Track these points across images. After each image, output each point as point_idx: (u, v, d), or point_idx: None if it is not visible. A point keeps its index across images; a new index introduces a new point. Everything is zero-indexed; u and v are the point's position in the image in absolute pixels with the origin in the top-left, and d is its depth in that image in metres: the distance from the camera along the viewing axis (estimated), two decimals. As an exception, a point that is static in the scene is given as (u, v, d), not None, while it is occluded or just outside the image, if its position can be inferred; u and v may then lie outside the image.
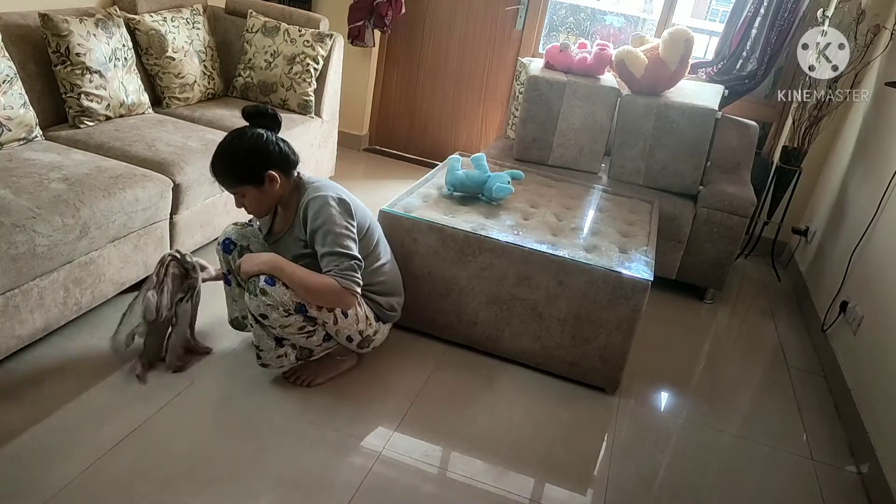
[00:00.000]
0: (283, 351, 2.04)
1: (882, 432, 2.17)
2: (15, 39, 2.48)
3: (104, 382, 2.00)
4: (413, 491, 1.83)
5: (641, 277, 2.23)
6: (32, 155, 2.28)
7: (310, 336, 2.03)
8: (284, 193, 2.02)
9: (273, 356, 2.05)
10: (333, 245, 1.92)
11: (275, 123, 2.01)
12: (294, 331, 1.98)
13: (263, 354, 2.05)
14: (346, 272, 1.90)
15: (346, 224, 1.96)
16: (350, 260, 1.92)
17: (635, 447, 2.16)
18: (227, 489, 1.71)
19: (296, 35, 3.33)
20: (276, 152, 1.97)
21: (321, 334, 2.05)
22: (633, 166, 3.22)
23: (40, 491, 1.61)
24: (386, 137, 4.63)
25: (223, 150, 1.96)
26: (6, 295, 1.84)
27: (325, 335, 2.07)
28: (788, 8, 3.33)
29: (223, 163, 1.96)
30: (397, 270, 2.30)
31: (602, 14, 4.70)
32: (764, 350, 2.93)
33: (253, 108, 2.00)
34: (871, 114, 3.20)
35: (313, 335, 2.03)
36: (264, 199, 1.99)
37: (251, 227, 2.19)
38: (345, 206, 1.99)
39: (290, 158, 2.00)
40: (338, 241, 1.92)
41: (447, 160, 2.79)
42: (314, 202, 1.95)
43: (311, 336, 2.03)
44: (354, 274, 1.92)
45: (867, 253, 2.73)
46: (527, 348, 2.41)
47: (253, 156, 1.94)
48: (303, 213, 1.97)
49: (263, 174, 1.94)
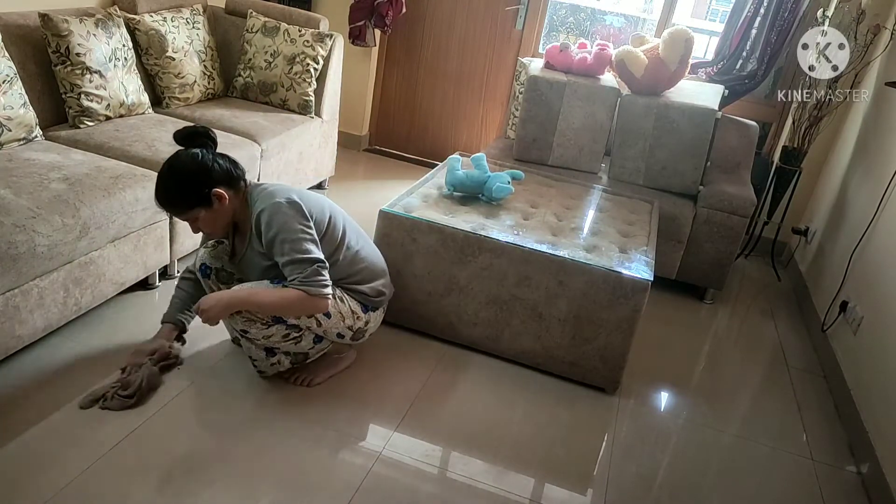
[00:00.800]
0: (276, 359, 2.04)
1: (882, 432, 2.17)
2: (15, 39, 2.48)
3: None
4: (413, 491, 1.83)
5: (641, 277, 2.23)
6: (32, 155, 2.28)
7: (298, 342, 2.02)
8: (236, 209, 1.95)
9: (267, 364, 2.05)
10: (292, 252, 1.85)
11: (209, 141, 1.94)
12: (279, 339, 1.97)
13: (258, 364, 2.06)
14: (311, 278, 1.85)
15: (301, 227, 1.88)
16: (312, 264, 1.86)
17: (635, 447, 2.16)
18: (226, 489, 1.71)
19: (296, 35, 3.33)
20: (217, 169, 1.89)
21: (310, 337, 2.04)
22: (633, 166, 3.22)
23: (40, 491, 1.61)
24: (386, 137, 4.63)
25: (163, 178, 1.89)
26: (6, 295, 1.84)
27: (316, 337, 2.06)
28: (788, 8, 3.33)
29: (167, 191, 1.89)
30: (377, 252, 2.23)
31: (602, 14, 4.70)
32: (764, 350, 2.93)
33: (183, 131, 1.93)
34: (871, 114, 3.20)
35: (301, 340, 2.02)
36: (217, 218, 1.92)
37: (223, 244, 2.12)
38: (296, 207, 1.89)
39: (232, 173, 1.93)
40: (296, 247, 1.85)
41: (447, 160, 2.79)
42: (265, 213, 1.87)
43: (299, 341, 2.02)
44: (320, 277, 1.87)
45: (867, 253, 2.73)
46: (527, 348, 2.41)
47: (194, 178, 1.87)
48: (255, 225, 1.90)
49: (209, 194, 1.87)
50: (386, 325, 2.53)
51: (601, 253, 2.36)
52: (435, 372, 2.34)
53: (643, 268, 2.30)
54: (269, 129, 3.09)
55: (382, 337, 2.48)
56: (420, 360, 2.39)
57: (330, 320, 2.01)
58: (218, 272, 2.09)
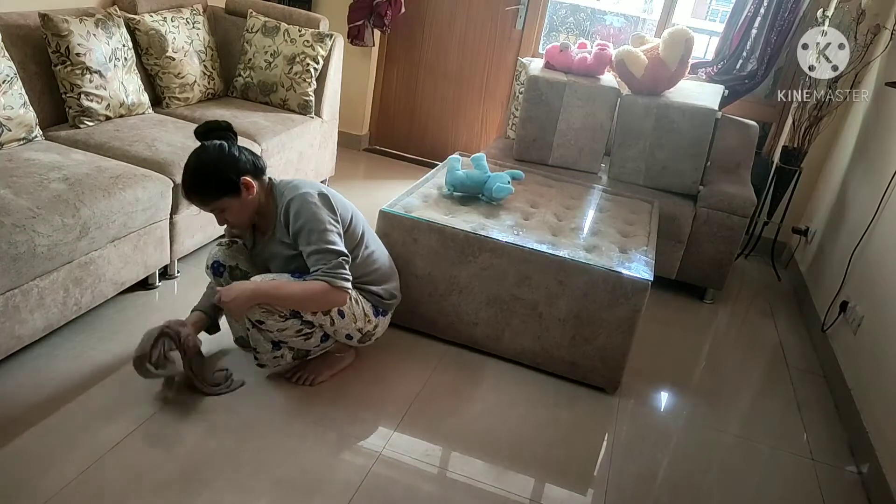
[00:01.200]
0: (279, 353, 2.05)
1: (882, 432, 2.17)
2: (15, 39, 2.48)
3: (103, 383, 2.00)
4: (413, 491, 1.83)
5: (641, 277, 2.23)
6: (32, 155, 2.28)
7: (308, 338, 2.03)
8: (261, 200, 1.98)
9: (269, 357, 2.05)
10: (319, 242, 1.89)
11: (230, 134, 1.97)
12: (292, 334, 1.99)
13: (260, 356, 2.06)
14: (335, 270, 1.89)
15: (329, 219, 1.93)
16: (337, 257, 1.90)
17: (635, 447, 2.16)
18: (227, 489, 1.71)
19: (296, 35, 3.33)
20: (244, 159, 1.93)
21: (319, 335, 2.05)
22: (633, 166, 3.22)
23: (40, 491, 1.61)
24: (386, 137, 4.63)
25: (193, 169, 1.90)
26: (6, 295, 1.84)
27: (323, 335, 2.07)
28: (788, 8, 3.34)
29: (197, 180, 1.91)
30: (388, 255, 2.28)
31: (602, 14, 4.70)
32: (764, 350, 2.93)
33: (204, 126, 1.95)
34: (871, 114, 3.20)
35: (311, 337, 2.04)
36: (244, 208, 1.95)
37: (237, 243, 2.14)
38: (325, 200, 1.96)
39: (257, 163, 1.97)
40: (323, 237, 1.90)
41: (447, 160, 2.79)
42: (294, 202, 1.92)
43: (308, 338, 2.04)
44: (343, 271, 1.90)
45: (867, 253, 2.73)
46: (527, 348, 2.41)
47: (223, 166, 1.89)
48: (283, 214, 1.94)
49: (238, 182, 1.90)
50: (386, 325, 2.54)
51: (601, 253, 2.36)
52: (435, 372, 2.34)
53: (643, 268, 2.30)
54: (269, 129, 3.09)
55: (383, 337, 2.47)
56: (420, 360, 2.39)
57: (343, 320, 2.03)
58: (232, 270, 2.11)
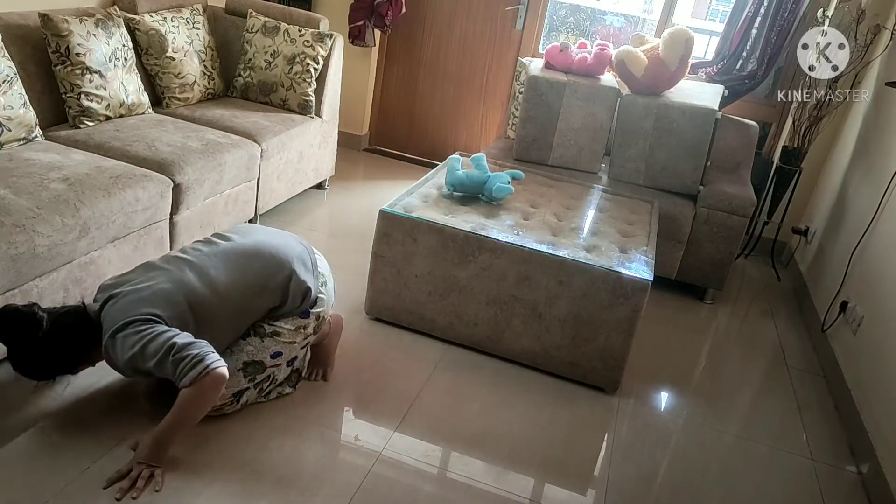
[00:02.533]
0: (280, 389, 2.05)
1: (882, 432, 2.17)
2: (15, 39, 2.48)
3: (103, 384, 2.00)
4: (413, 491, 1.83)
5: (641, 277, 2.23)
6: (32, 155, 2.28)
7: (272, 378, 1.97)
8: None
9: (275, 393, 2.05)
10: (162, 355, 1.63)
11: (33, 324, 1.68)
12: (256, 395, 1.97)
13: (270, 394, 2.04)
14: (191, 365, 1.63)
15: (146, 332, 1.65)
16: (181, 350, 1.63)
17: (635, 447, 2.16)
18: (227, 489, 1.71)
19: (296, 35, 3.33)
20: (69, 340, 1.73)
21: (283, 370, 1.99)
22: (633, 166, 3.22)
23: (40, 491, 1.61)
24: (386, 137, 4.63)
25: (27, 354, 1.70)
26: (6, 295, 1.84)
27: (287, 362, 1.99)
28: (788, 8, 3.33)
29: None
30: (278, 261, 1.93)
31: (602, 14, 4.70)
32: (764, 350, 2.93)
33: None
34: (871, 114, 3.20)
35: (278, 373, 1.99)
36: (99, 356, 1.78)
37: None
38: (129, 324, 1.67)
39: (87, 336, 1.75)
40: (161, 350, 1.63)
41: (447, 160, 2.79)
42: (110, 347, 1.69)
43: (276, 376, 1.99)
44: (202, 359, 1.64)
45: (867, 253, 2.73)
46: (527, 348, 2.41)
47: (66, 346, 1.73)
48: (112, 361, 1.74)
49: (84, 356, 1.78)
50: (386, 325, 2.54)
51: (601, 253, 2.36)
52: (435, 372, 2.34)
53: (643, 268, 2.30)
54: (269, 128, 3.09)
55: (383, 337, 2.48)
56: (420, 361, 2.39)
57: (284, 354, 1.95)
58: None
